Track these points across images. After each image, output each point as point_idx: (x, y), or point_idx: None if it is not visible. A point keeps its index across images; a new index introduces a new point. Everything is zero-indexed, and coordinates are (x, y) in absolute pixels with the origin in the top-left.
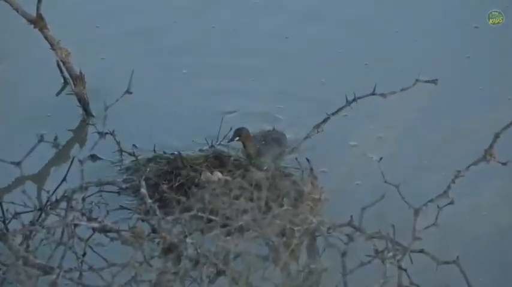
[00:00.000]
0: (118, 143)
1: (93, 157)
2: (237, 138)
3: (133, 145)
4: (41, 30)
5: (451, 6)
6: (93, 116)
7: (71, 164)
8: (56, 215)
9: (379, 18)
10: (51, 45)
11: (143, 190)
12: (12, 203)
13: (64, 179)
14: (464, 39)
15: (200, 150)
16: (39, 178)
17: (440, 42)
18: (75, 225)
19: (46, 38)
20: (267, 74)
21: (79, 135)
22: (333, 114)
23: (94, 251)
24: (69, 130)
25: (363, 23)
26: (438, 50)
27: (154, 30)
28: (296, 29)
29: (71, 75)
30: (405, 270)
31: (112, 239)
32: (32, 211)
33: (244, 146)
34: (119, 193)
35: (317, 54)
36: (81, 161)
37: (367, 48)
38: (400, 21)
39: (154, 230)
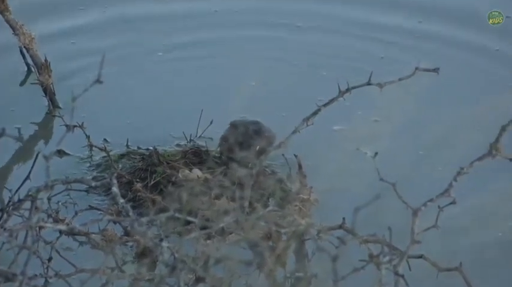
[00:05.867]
0: (87, 137)
1: (60, 153)
2: None
3: (105, 139)
4: (1, 13)
5: None
6: (59, 107)
7: (35, 160)
8: (19, 216)
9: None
10: (14, 29)
11: (115, 189)
12: None
13: (28, 177)
14: (469, 25)
15: (178, 145)
16: (0, 176)
17: (443, 26)
18: (40, 227)
19: (7, 21)
20: (256, 67)
21: (44, 128)
22: (324, 105)
23: (61, 256)
24: (33, 123)
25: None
26: (442, 35)
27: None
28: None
29: (35, 63)
30: (402, 276)
31: (81, 242)
32: None
33: None
34: (88, 191)
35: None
36: (46, 157)
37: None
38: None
39: (127, 233)
